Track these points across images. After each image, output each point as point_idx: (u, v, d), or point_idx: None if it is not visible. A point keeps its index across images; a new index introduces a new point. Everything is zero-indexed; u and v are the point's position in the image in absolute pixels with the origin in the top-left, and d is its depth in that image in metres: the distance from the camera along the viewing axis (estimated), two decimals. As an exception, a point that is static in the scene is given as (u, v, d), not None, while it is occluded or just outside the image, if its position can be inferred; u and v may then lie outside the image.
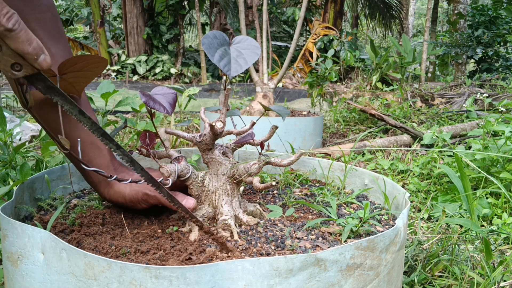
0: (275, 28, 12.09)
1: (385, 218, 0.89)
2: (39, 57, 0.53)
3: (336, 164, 1.13)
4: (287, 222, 0.82)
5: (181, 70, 9.28)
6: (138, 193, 0.77)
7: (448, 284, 0.97)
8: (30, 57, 0.53)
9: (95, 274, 0.55)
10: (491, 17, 7.32)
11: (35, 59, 0.53)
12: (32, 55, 0.52)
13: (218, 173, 0.80)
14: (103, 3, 9.13)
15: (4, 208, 0.72)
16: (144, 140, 0.80)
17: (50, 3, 0.77)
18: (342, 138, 2.93)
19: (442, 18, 14.58)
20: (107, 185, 0.81)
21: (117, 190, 0.80)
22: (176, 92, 0.75)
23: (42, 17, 0.75)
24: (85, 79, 0.71)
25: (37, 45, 0.53)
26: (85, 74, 0.69)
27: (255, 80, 2.63)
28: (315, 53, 7.59)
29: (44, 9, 0.75)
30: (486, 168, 1.62)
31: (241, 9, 2.72)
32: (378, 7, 10.30)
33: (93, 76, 0.70)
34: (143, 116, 3.08)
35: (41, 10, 0.74)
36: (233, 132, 0.84)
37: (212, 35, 0.74)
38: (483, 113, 3.01)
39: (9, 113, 2.26)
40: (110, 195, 0.81)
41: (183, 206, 0.70)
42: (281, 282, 0.56)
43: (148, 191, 0.77)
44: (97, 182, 0.82)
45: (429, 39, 7.34)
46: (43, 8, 0.75)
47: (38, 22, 0.74)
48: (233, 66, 0.71)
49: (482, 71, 7.12)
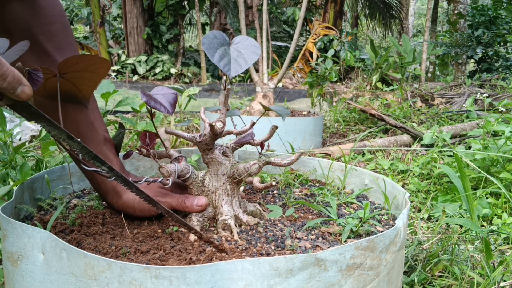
0: (275, 28, 12.09)
1: (385, 218, 0.89)
2: (16, 90, 0.52)
3: (336, 164, 1.13)
4: (287, 222, 0.82)
5: (181, 70, 9.28)
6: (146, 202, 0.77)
7: (448, 284, 0.97)
8: (6, 92, 0.52)
9: (95, 274, 0.55)
10: (491, 17, 7.32)
11: (11, 93, 0.52)
12: (8, 89, 0.52)
13: (218, 173, 0.80)
14: (103, 3, 9.13)
15: (4, 208, 0.72)
16: (144, 140, 0.80)
17: (59, 14, 0.75)
18: (342, 138, 2.93)
19: (442, 18, 14.58)
20: (115, 195, 0.80)
21: (125, 200, 0.79)
22: (177, 92, 0.75)
23: (50, 29, 0.73)
24: (90, 81, 0.69)
25: (13, 79, 0.52)
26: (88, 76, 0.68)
27: (255, 80, 2.63)
28: (315, 53, 7.59)
29: (53, 20, 0.73)
30: (486, 168, 1.62)
31: (241, 9, 2.73)
32: (378, 7, 10.30)
33: (98, 78, 0.69)
34: (143, 116, 3.08)
35: (49, 22, 0.73)
36: (233, 132, 0.84)
37: (212, 35, 0.74)
38: (483, 113, 3.01)
39: (9, 113, 2.26)
40: (119, 205, 0.80)
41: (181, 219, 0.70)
42: (281, 282, 0.56)
43: (159, 197, 0.77)
44: (106, 192, 0.81)
45: (429, 39, 7.34)
46: (51, 19, 0.73)
47: (46, 35, 0.72)
48: (233, 66, 0.71)
49: (482, 71, 7.12)
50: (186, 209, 0.75)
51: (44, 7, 0.72)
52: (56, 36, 0.74)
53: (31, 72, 0.57)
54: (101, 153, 0.79)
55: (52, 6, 0.74)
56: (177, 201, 0.76)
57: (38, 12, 0.72)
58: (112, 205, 0.82)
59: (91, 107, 0.80)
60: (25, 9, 0.70)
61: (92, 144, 0.79)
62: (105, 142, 0.81)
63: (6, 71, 0.52)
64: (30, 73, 0.57)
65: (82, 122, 0.78)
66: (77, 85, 0.70)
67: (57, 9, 0.75)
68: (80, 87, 0.71)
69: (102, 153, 0.80)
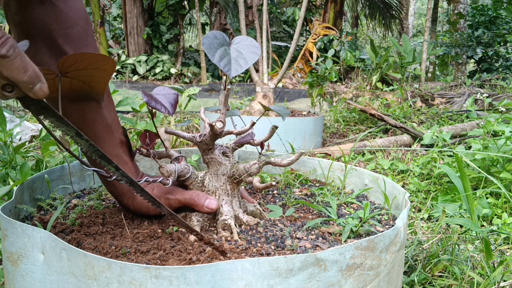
0: (275, 28, 12.08)
1: (385, 218, 0.89)
2: (35, 86, 0.52)
3: (336, 164, 1.13)
4: (287, 222, 0.82)
5: (181, 70, 9.27)
6: (160, 200, 0.77)
7: (448, 284, 0.97)
8: (24, 85, 0.51)
9: (95, 274, 0.55)
10: (491, 17, 7.32)
11: (30, 88, 0.52)
12: (27, 83, 0.51)
13: (218, 173, 0.80)
14: (103, 3, 9.13)
15: (4, 208, 0.72)
16: (144, 140, 0.80)
17: (80, 17, 0.75)
18: (342, 138, 2.93)
19: (442, 18, 14.58)
20: (130, 196, 0.81)
21: (139, 200, 0.79)
22: (177, 93, 0.75)
23: (70, 32, 0.73)
24: (99, 78, 0.69)
25: (33, 73, 0.51)
26: (96, 73, 0.67)
27: (255, 80, 2.63)
28: (315, 53, 7.59)
29: (73, 23, 0.74)
30: (486, 168, 1.62)
31: (241, 9, 2.73)
32: (378, 7, 10.30)
33: (107, 75, 0.69)
34: (143, 116, 3.08)
35: (69, 25, 0.73)
36: (233, 132, 0.84)
37: (212, 35, 0.74)
38: (483, 113, 3.01)
39: (9, 113, 2.26)
40: (134, 205, 0.80)
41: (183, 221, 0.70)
42: (281, 282, 0.56)
43: (169, 195, 0.77)
44: (121, 193, 0.81)
45: (429, 39, 7.33)
46: (71, 22, 0.73)
47: (65, 38, 0.73)
48: (233, 66, 0.71)
49: (482, 71, 7.12)
50: (196, 206, 0.76)
51: (64, 10, 0.73)
52: (76, 39, 0.74)
53: None
54: (117, 156, 0.79)
55: (73, 9, 0.74)
56: (188, 197, 0.76)
57: (58, 16, 0.72)
58: (128, 206, 0.82)
59: (108, 109, 0.80)
60: (46, 12, 0.71)
61: (109, 146, 0.79)
62: (121, 145, 0.81)
63: (27, 64, 0.51)
64: None
65: (99, 124, 0.78)
66: (87, 83, 0.70)
67: (78, 12, 0.75)
68: (91, 85, 0.71)
69: (118, 155, 0.80)
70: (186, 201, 0.77)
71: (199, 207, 0.76)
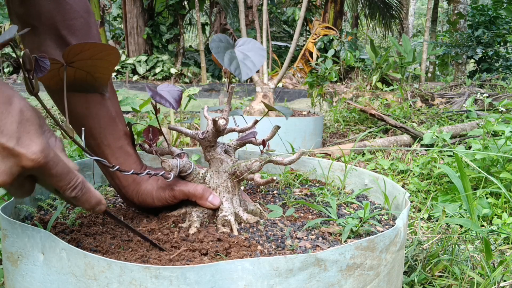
0: (275, 28, 12.09)
1: (385, 218, 0.89)
2: (95, 209, 0.62)
3: (336, 164, 1.13)
4: (287, 222, 0.82)
5: (181, 70, 9.28)
6: (165, 191, 0.78)
7: (448, 284, 0.97)
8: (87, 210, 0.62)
9: (95, 274, 0.55)
10: (491, 17, 7.32)
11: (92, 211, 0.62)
12: (89, 209, 0.61)
13: (220, 170, 0.80)
14: (103, 3, 9.13)
15: (4, 208, 0.72)
16: (147, 135, 0.80)
17: (84, 9, 0.77)
18: (342, 138, 2.93)
19: (442, 18, 14.58)
20: (136, 185, 0.81)
21: (144, 189, 0.80)
22: (181, 89, 0.76)
23: (74, 23, 0.75)
24: (103, 68, 0.70)
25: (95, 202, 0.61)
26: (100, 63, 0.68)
27: (255, 80, 2.63)
28: (315, 53, 7.59)
29: (76, 15, 0.75)
30: (486, 168, 1.62)
31: (241, 9, 2.73)
32: (378, 7, 10.30)
33: (110, 65, 0.69)
34: (143, 116, 3.08)
35: (72, 17, 0.75)
36: (235, 130, 0.84)
37: (218, 38, 0.74)
38: (483, 113, 3.01)
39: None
40: (139, 196, 0.81)
41: (133, 229, 0.70)
42: (281, 282, 0.56)
43: (174, 186, 0.78)
44: (126, 185, 0.81)
45: (429, 39, 7.33)
46: (75, 14, 0.75)
47: (69, 30, 0.74)
48: (243, 69, 0.71)
49: (482, 71, 7.12)
50: (200, 199, 0.77)
51: (68, 2, 0.74)
52: (79, 30, 0.76)
53: (38, 59, 0.58)
54: (121, 148, 0.81)
55: (76, 1, 0.76)
56: (193, 189, 0.77)
57: (62, 7, 0.74)
58: (132, 197, 0.82)
59: (112, 102, 0.81)
60: (49, 4, 0.72)
61: (113, 138, 0.80)
62: (126, 136, 0.82)
63: (91, 198, 0.60)
64: (37, 60, 0.58)
65: (103, 117, 0.79)
66: (91, 73, 0.70)
67: (81, 4, 0.77)
68: (95, 76, 0.71)
69: (122, 147, 0.81)
70: (190, 193, 0.77)
71: (203, 200, 0.76)
